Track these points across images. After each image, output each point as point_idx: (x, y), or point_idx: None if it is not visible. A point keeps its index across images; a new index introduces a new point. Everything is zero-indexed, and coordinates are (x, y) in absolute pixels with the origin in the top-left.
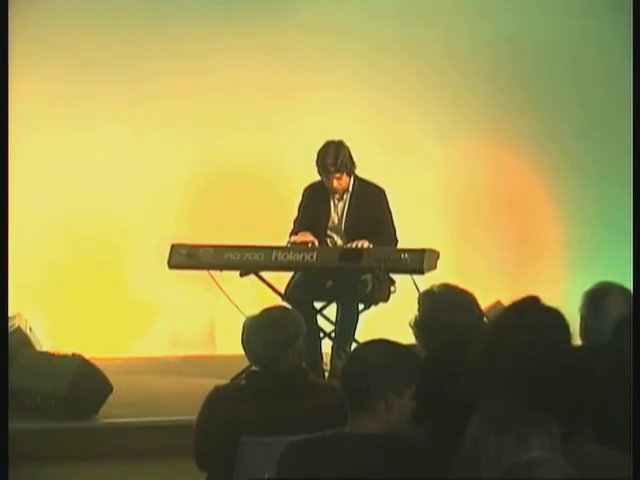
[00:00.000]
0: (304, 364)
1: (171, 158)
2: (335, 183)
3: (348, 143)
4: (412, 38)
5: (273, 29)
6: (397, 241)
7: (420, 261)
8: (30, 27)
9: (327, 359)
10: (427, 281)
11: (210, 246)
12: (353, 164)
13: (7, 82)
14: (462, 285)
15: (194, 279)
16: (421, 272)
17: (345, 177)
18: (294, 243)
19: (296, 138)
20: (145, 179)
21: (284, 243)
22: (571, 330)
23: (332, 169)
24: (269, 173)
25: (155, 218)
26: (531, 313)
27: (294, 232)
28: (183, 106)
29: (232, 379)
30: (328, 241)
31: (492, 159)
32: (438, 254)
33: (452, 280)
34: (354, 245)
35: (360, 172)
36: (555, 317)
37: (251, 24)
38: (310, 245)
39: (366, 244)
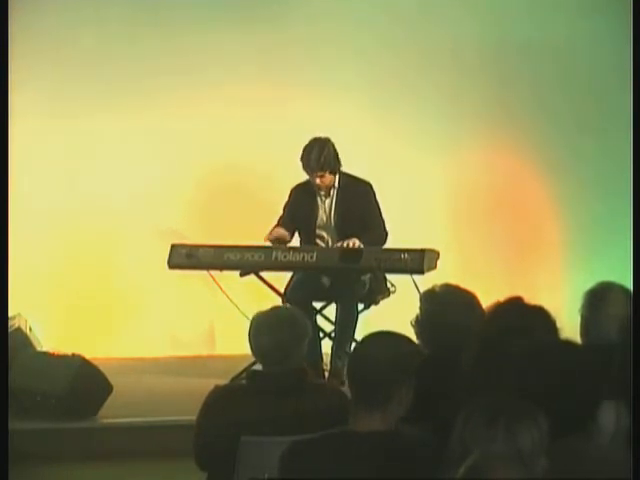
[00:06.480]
0: (304, 364)
1: (171, 158)
2: (318, 181)
3: (348, 143)
4: (416, 40)
5: (274, 25)
6: (387, 234)
7: (420, 261)
8: (30, 26)
9: (327, 359)
10: (427, 281)
11: (210, 246)
12: (338, 162)
13: (7, 81)
14: (462, 285)
15: (194, 279)
16: (421, 272)
17: (328, 175)
18: (270, 239)
19: (297, 137)
20: (145, 179)
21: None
22: (557, 326)
23: (315, 167)
24: (270, 172)
25: (155, 218)
26: (515, 314)
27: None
28: (183, 105)
29: (232, 379)
30: (318, 239)
31: (494, 161)
32: (438, 254)
33: (452, 280)
34: (345, 244)
35: (361, 173)
36: (539, 316)
37: (252, 19)
38: (284, 240)
39: (357, 243)
